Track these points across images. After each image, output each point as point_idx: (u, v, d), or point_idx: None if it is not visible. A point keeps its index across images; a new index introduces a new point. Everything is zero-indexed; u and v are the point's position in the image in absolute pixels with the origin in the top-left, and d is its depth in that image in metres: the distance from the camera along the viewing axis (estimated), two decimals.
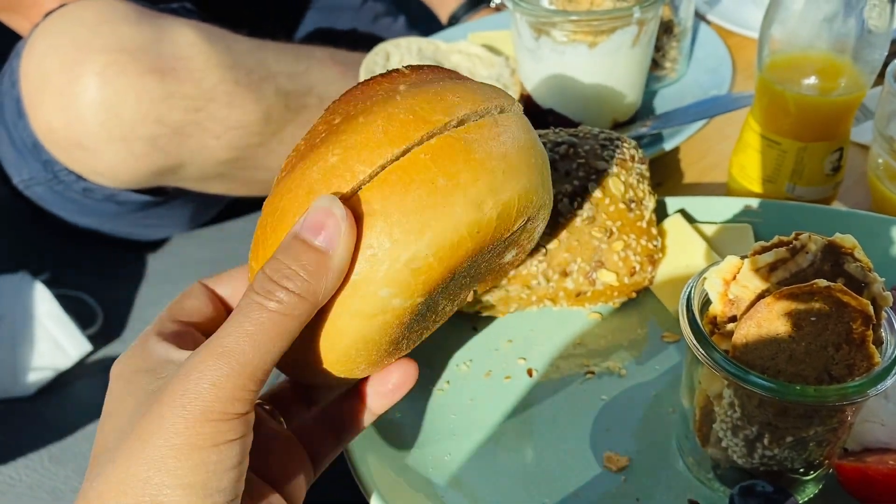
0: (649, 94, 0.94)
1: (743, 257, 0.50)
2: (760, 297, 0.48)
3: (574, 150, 0.67)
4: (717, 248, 0.69)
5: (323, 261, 0.40)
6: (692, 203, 0.73)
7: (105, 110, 0.94)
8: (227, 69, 1.00)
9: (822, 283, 0.45)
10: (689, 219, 0.72)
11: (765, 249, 0.49)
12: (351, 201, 0.41)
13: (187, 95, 0.97)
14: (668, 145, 0.83)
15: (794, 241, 0.48)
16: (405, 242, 0.41)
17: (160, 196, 1.12)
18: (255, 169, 1.09)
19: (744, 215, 0.72)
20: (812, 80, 0.71)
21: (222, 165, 1.05)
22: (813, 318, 0.45)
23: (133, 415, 0.40)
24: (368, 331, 0.43)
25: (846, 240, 0.48)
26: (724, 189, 0.84)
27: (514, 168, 0.44)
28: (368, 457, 0.55)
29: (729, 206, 0.72)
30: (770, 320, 0.46)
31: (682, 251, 0.68)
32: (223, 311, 0.50)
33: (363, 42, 1.31)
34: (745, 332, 0.47)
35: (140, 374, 0.42)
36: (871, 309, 0.45)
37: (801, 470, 0.51)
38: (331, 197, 0.41)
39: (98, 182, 1.04)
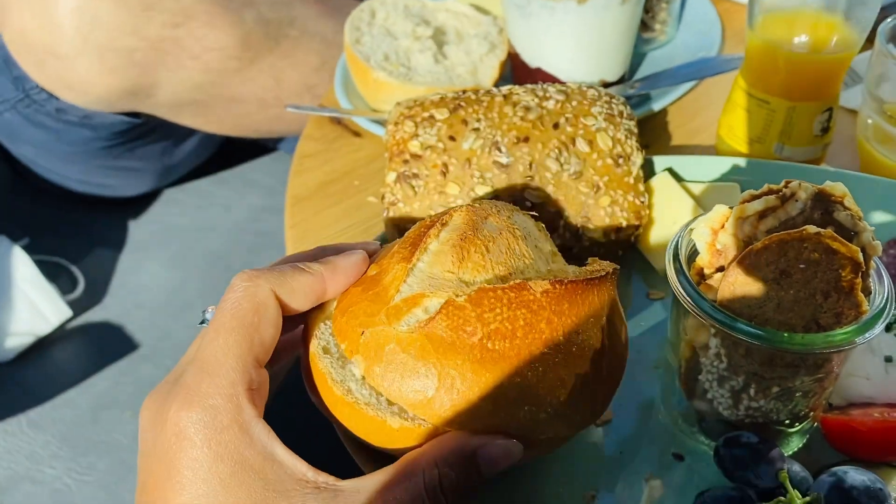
0: (638, 57, 0.93)
1: (731, 207, 0.49)
2: (748, 245, 0.47)
3: (562, 104, 0.66)
4: (705, 206, 0.68)
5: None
6: (680, 162, 0.72)
7: (81, 16, 0.92)
8: None
9: (813, 229, 0.44)
10: (677, 178, 0.71)
11: (754, 198, 0.48)
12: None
13: (166, 9, 0.95)
14: (656, 106, 0.82)
15: (784, 189, 0.47)
16: None
17: (135, 118, 1.09)
18: (230, 99, 1.07)
19: (732, 174, 0.71)
20: (803, 37, 0.70)
21: (197, 90, 1.03)
22: (802, 266, 0.45)
23: None
24: None
25: (836, 188, 0.47)
26: (712, 151, 0.83)
27: None
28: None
29: (717, 166, 0.71)
30: (758, 267, 0.45)
31: (670, 209, 0.67)
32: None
33: None
34: (733, 279, 0.46)
35: (251, 472, 0.40)
36: (860, 256, 0.44)
37: (787, 422, 0.51)
38: (520, 447, 0.44)
39: (71, 100, 1.01)
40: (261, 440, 0.41)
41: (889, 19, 0.71)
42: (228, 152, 1.46)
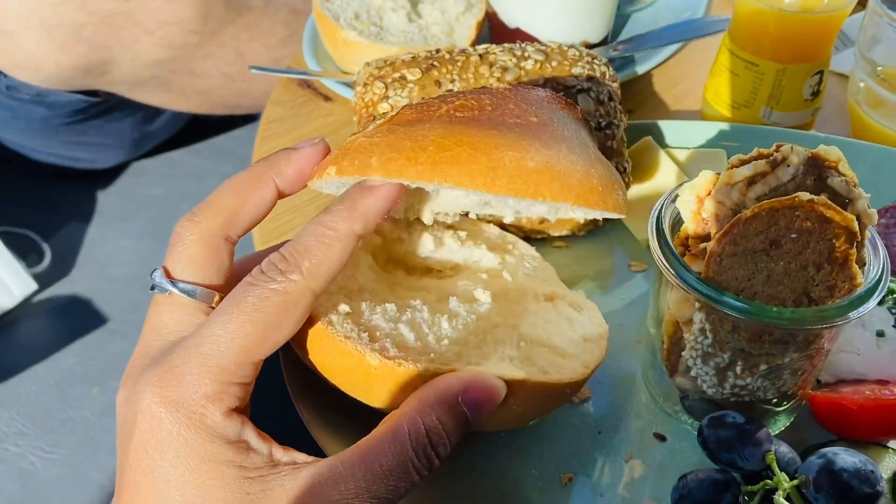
0: (622, 19, 0.89)
1: (718, 174, 0.46)
2: (736, 213, 0.44)
3: (542, 65, 0.62)
4: (690, 173, 0.65)
5: (463, 434, 0.42)
6: (664, 127, 0.69)
7: None
8: None
9: (805, 196, 0.41)
10: (661, 143, 0.68)
11: (743, 163, 0.45)
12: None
13: None
14: (640, 69, 0.78)
15: (775, 154, 0.44)
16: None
17: (93, 97, 1.04)
18: (191, 74, 1.02)
19: (718, 140, 0.68)
20: None
21: (156, 66, 0.98)
22: (794, 235, 0.42)
23: None
24: None
25: (830, 152, 0.44)
26: (697, 116, 0.79)
27: None
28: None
29: (702, 131, 0.68)
30: (747, 237, 0.42)
31: (653, 176, 0.64)
32: None
33: None
34: (720, 250, 0.43)
35: (212, 452, 0.38)
36: (856, 225, 0.41)
37: (774, 400, 0.48)
38: (502, 384, 0.42)
39: (22, 78, 0.96)
40: (234, 428, 0.39)
41: None
42: (202, 122, 1.42)
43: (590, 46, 0.80)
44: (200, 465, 0.38)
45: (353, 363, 0.42)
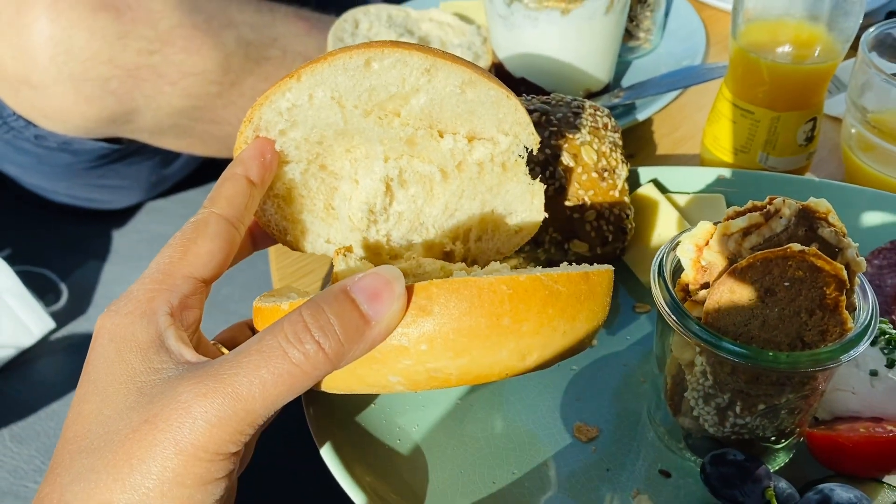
0: (623, 65, 0.93)
1: (716, 223, 0.49)
2: (733, 262, 0.47)
3: (546, 117, 0.65)
4: (690, 218, 0.68)
5: (363, 329, 0.40)
6: (665, 173, 0.72)
7: (55, 46, 0.90)
8: (186, 13, 0.96)
9: (797, 247, 0.44)
10: (662, 189, 0.71)
11: (738, 214, 0.48)
12: (414, 286, 0.41)
13: (142, 36, 0.93)
14: (640, 116, 0.81)
15: (768, 206, 0.47)
16: (440, 355, 0.42)
17: (116, 144, 1.08)
18: (212, 122, 1.05)
19: (717, 185, 0.71)
20: (786, 48, 0.70)
21: (178, 115, 1.01)
22: (786, 284, 0.45)
23: (121, 408, 0.40)
24: (361, 389, 0.45)
25: (820, 204, 0.47)
26: (696, 161, 0.83)
27: (576, 330, 0.45)
28: (331, 431, 0.54)
29: (702, 176, 0.71)
30: (743, 286, 0.45)
31: (655, 221, 0.67)
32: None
33: (332, 5, 1.28)
34: (718, 297, 0.46)
35: (135, 349, 0.42)
36: (844, 273, 0.44)
37: (773, 438, 0.51)
38: (398, 272, 0.41)
39: (48, 128, 1.00)
40: (158, 327, 0.43)
41: (872, 28, 0.72)
42: (216, 162, 1.45)
43: (592, 94, 0.83)
44: (116, 353, 0.42)
45: (275, 316, 0.45)
